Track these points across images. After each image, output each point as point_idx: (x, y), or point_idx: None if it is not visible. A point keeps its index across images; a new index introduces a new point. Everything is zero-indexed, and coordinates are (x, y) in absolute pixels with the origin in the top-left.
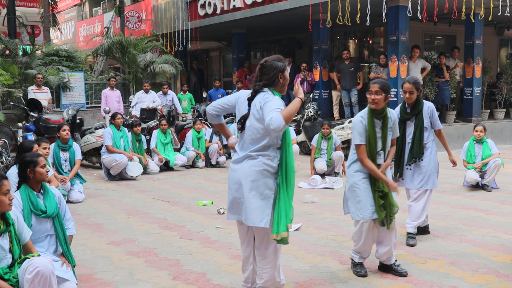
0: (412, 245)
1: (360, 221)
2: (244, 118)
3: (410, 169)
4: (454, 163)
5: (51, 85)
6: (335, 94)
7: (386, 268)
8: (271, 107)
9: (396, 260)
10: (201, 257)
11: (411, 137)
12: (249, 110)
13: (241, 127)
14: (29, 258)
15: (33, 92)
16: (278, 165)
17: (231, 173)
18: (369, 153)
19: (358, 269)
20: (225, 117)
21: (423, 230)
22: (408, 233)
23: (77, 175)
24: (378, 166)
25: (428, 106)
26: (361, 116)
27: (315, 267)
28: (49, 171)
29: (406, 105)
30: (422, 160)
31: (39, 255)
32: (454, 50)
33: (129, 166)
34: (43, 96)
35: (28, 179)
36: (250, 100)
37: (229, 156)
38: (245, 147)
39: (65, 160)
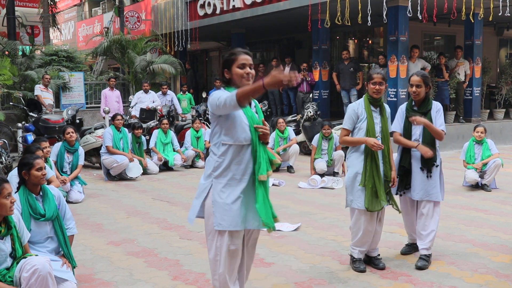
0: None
1: (357, 210)
2: None
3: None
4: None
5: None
6: None
7: (368, 260)
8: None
9: (378, 254)
10: (201, 257)
11: (421, 139)
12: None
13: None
14: (26, 257)
15: (41, 91)
16: None
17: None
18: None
19: (357, 264)
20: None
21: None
22: (421, 255)
23: (77, 177)
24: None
25: (436, 106)
26: (357, 103)
27: (315, 267)
28: (45, 174)
29: (413, 103)
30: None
31: (36, 255)
32: (457, 50)
33: (129, 166)
34: (49, 96)
35: (25, 182)
36: None
37: None
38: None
39: (68, 163)
